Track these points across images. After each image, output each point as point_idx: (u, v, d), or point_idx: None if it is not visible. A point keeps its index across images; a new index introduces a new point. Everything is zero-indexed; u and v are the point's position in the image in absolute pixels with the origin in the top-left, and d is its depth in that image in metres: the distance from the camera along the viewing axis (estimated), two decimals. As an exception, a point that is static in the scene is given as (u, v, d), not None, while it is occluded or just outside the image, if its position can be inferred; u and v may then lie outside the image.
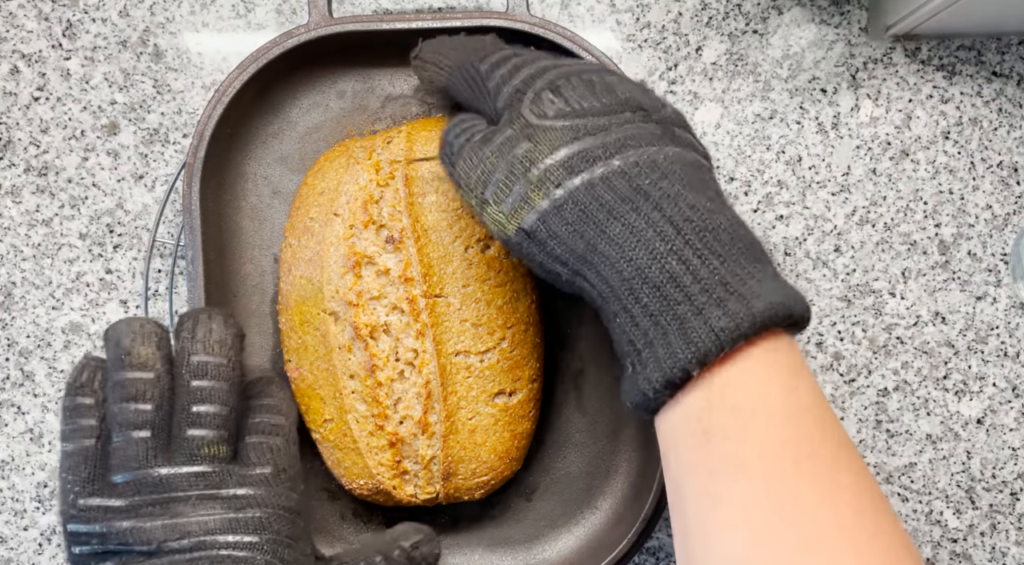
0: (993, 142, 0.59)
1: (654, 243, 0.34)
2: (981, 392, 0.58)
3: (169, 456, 0.40)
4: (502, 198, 0.38)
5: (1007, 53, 0.59)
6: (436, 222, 0.49)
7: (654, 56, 0.59)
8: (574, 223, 0.36)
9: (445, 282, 0.48)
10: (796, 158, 0.59)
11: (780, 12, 0.59)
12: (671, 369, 0.33)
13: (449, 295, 0.48)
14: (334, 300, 0.49)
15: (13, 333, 0.57)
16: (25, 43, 0.58)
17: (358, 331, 0.48)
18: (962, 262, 0.59)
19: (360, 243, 0.49)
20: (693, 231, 0.34)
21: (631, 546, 0.51)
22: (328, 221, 0.50)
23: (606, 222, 0.35)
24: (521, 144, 0.38)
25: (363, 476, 0.50)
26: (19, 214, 0.57)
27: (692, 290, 0.34)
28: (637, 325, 0.35)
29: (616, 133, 0.36)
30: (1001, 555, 0.58)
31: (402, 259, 0.48)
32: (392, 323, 0.48)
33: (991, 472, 0.58)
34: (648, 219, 0.35)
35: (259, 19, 0.59)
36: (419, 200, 0.49)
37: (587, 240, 0.36)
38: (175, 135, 0.58)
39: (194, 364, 0.41)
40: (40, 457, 0.57)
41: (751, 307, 0.33)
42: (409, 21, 0.53)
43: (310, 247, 0.50)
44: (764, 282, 0.34)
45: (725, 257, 0.34)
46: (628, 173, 0.36)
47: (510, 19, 0.54)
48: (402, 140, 0.51)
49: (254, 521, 0.39)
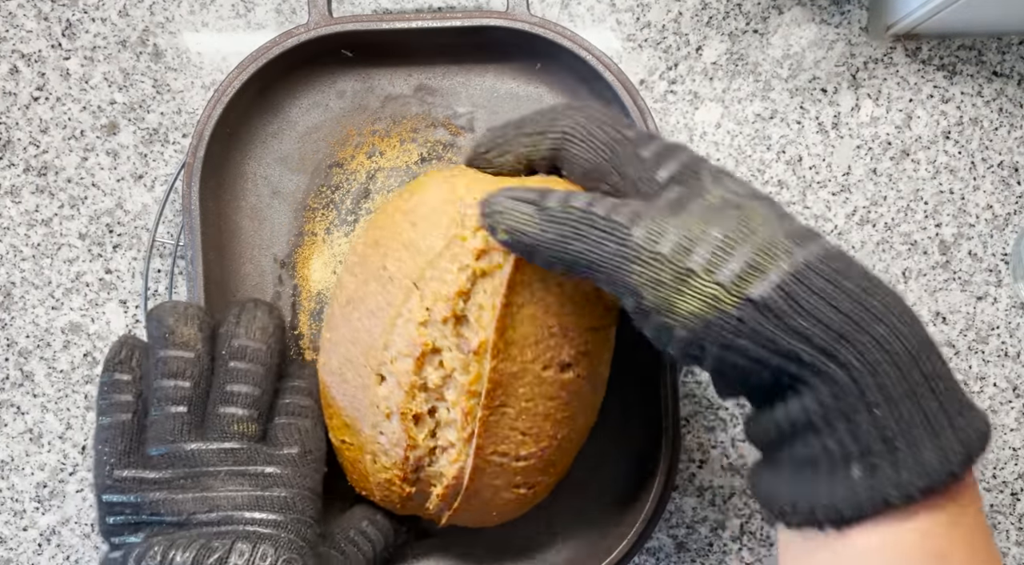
0: (994, 142, 0.59)
1: (915, 326, 0.31)
2: (982, 392, 0.58)
3: (202, 432, 0.42)
4: (719, 265, 0.32)
5: (1008, 53, 0.59)
6: (523, 337, 0.42)
7: (654, 56, 0.59)
8: (824, 292, 0.31)
9: (509, 396, 0.43)
10: (796, 158, 0.59)
11: (780, 12, 0.59)
12: (939, 473, 0.30)
13: (509, 407, 0.43)
14: (386, 369, 0.44)
15: (12, 333, 0.57)
16: (24, 43, 0.58)
17: (402, 414, 0.44)
18: (963, 262, 0.59)
19: (433, 334, 0.42)
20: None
21: (631, 546, 0.51)
22: (404, 289, 0.43)
23: (863, 295, 0.31)
24: (729, 212, 0.33)
25: (366, 491, 0.49)
26: (18, 214, 0.57)
27: (946, 385, 0.31)
28: (901, 416, 0.30)
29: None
30: (1002, 555, 0.58)
31: (472, 372, 0.42)
32: (441, 418, 0.44)
33: (991, 472, 0.58)
34: (895, 298, 0.31)
35: (259, 19, 0.59)
36: (514, 311, 0.41)
37: (844, 312, 0.31)
38: (175, 135, 0.58)
39: (235, 347, 0.43)
40: (40, 457, 0.57)
41: (978, 427, 0.31)
42: (409, 21, 0.53)
43: (376, 300, 0.44)
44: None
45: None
46: (844, 252, 0.32)
47: (510, 19, 0.54)
48: None
49: (280, 500, 0.41)
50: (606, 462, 0.55)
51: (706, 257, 0.32)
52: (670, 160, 0.36)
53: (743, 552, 0.57)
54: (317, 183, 0.56)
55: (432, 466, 0.46)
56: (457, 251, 0.42)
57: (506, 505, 0.48)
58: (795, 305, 0.31)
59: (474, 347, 0.42)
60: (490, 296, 0.41)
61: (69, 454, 0.57)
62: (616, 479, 0.55)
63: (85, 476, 0.57)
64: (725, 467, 0.58)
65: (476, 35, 0.54)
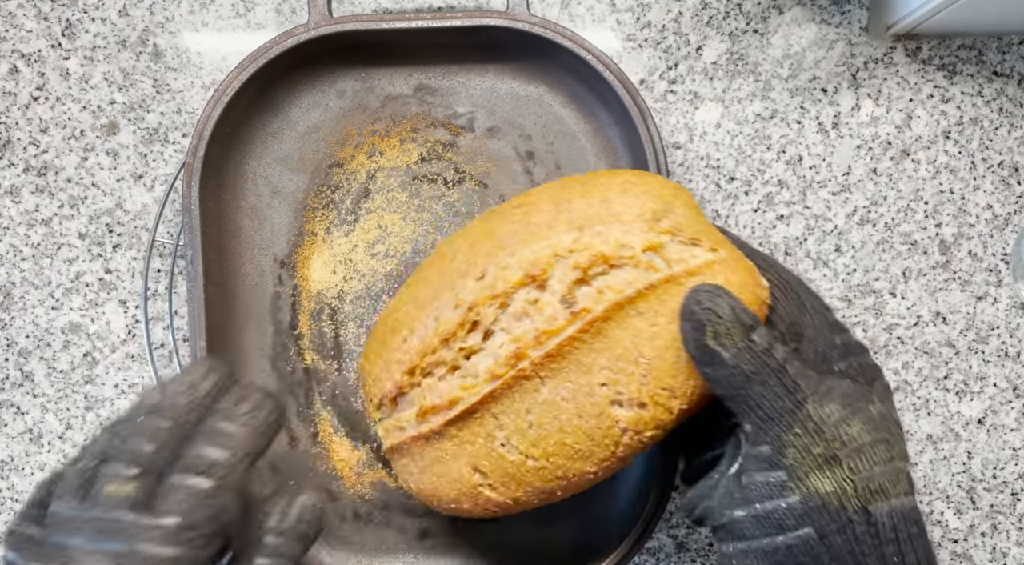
0: (994, 142, 0.59)
1: None
2: (982, 392, 0.58)
3: (86, 494, 0.36)
4: (860, 470, 0.37)
5: (1008, 52, 0.59)
6: (615, 341, 0.41)
7: (654, 56, 0.59)
8: (912, 535, 0.37)
9: (556, 375, 0.41)
10: (797, 158, 0.59)
11: (781, 11, 0.59)
12: None
13: (545, 386, 0.42)
14: (493, 268, 0.43)
15: (12, 333, 0.57)
16: (24, 43, 0.58)
17: (469, 308, 0.43)
18: (963, 262, 0.59)
19: (555, 271, 0.42)
20: None
21: (631, 546, 0.51)
22: (569, 224, 0.43)
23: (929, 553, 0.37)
24: (883, 430, 0.38)
25: (366, 370, 0.47)
26: (18, 214, 0.57)
27: None
28: None
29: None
30: (1002, 556, 0.58)
31: (553, 327, 0.41)
32: (489, 346, 0.43)
33: (992, 472, 0.58)
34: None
35: (259, 18, 0.59)
36: (630, 313, 0.41)
37: (919, 558, 0.37)
38: (175, 135, 0.58)
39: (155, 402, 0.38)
40: (39, 457, 0.57)
41: None
42: (409, 20, 0.53)
43: (543, 215, 0.43)
44: None
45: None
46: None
47: (510, 19, 0.53)
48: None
49: None
50: (606, 462, 0.55)
51: (855, 457, 0.36)
52: (853, 357, 0.40)
53: (743, 552, 0.57)
54: (317, 183, 0.56)
55: (440, 381, 0.43)
56: (640, 229, 0.42)
57: (451, 486, 0.45)
58: (890, 534, 0.36)
59: (576, 309, 0.41)
60: (625, 285, 0.41)
61: (69, 454, 0.57)
62: (616, 479, 0.55)
63: (85, 476, 0.57)
64: (725, 467, 0.58)
65: (476, 35, 0.54)
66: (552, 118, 0.57)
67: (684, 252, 0.42)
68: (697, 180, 0.58)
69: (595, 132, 0.57)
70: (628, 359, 0.40)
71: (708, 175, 0.58)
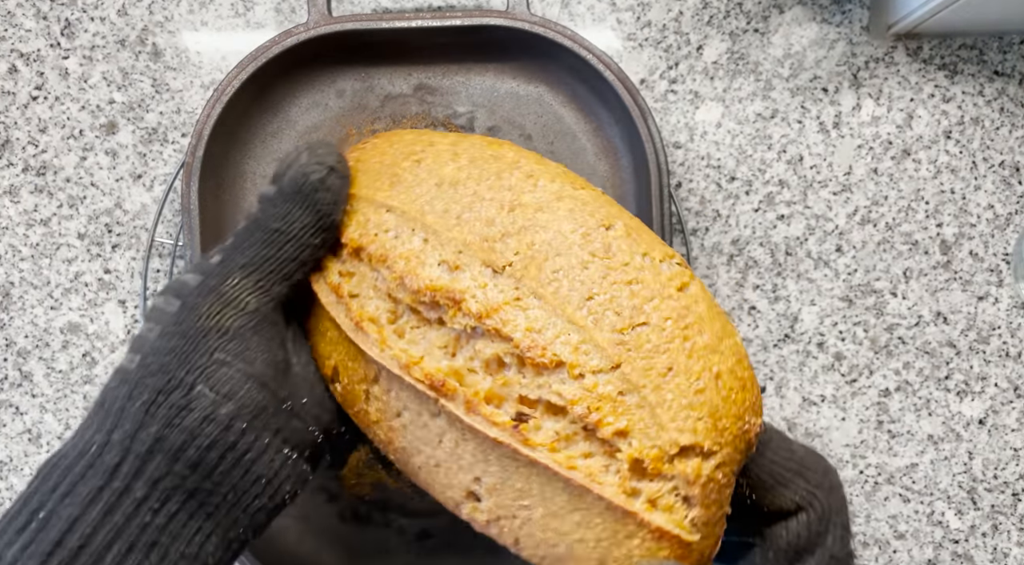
0: (995, 141, 0.59)
1: None
2: (983, 392, 0.58)
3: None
4: None
5: (1009, 52, 0.59)
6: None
7: (655, 55, 0.59)
8: None
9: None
10: (797, 157, 0.58)
11: (781, 11, 0.59)
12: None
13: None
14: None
15: (11, 333, 0.57)
16: (23, 42, 0.58)
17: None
18: (964, 262, 0.58)
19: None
20: None
21: (632, 547, 0.51)
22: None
23: None
24: None
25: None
26: (17, 214, 0.57)
27: None
28: None
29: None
30: (1003, 556, 0.58)
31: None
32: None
33: (993, 473, 0.58)
34: None
35: (258, 18, 0.58)
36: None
37: None
38: (174, 134, 0.58)
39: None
40: (39, 457, 0.57)
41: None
42: (409, 20, 0.53)
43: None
44: None
45: None
46: None
47: (510, 18, 0.53)
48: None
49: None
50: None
51: None
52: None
53: (744, 553, 0.57)
54: (317, 183, 0.56)
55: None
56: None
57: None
58: None
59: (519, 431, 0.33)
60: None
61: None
62: (616, 479, 0.55)
63: (84, 476, 0.57)
64: (726, 467, 0.58)
65: (476, 35, 0.54)
66: (552, 118, 0.57)
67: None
68: (698, 180, 0.58)
69: (595, 132, 0.57)
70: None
71: (709, 175, 0.58)
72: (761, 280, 0.58)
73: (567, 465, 0.32)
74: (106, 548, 0.31)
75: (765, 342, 0.58)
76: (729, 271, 0.58)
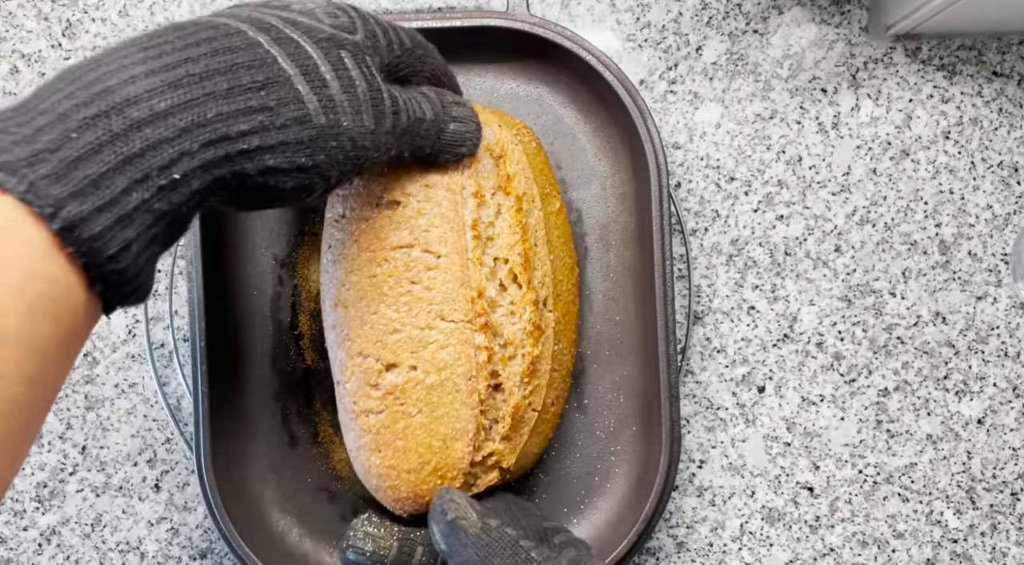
0: (993, 142, 0.59)
1: None
2: (981, 392, 0.58)
3: None
4: None
5: (1008, 53, 0.59)
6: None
7: (654, 56, 0.59)
8: None
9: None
10: (796, 158, 0.59)
11: (780, 12, 0.59)
12: None
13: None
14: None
15: (13, 333, 0.57)
16: (25, 43, 0.58)
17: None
18: (962, 262, 0.59)
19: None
20: None
21: (631, 546, 0.51)
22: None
23: None
24: None
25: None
26: (19, 214, 0.57)
27: None
28: None
29: None
30: (1002, 555, 0.58)
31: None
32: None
33: (991, 472, 0.58)
34: None
35: (259, 19, 0.59)
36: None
37: None
38: (175, 135, 0.58)
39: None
40: (40, 457, 0.57)
41: None
42: (409, 21, 0.53)
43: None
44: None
45: None
46: None
47: (510, 19, 0.53)
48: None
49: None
50: (606, 462, 0.55)
51: None
52: (564, 533, 0.47)
53: (743, 552, 0.57)
54: (317, 183, 0.56)
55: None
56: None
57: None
58: None
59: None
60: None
61: (69, 454, 0.57)
62: (616, 479, 0.55)
63: (85, 476, 0.57)
64: (725, 467, 0.58)
65: (476, 35, 0.54)
66: (552, 118, 0.57)
67: None
68: (697, 180, 0.58)
69: (595, 132, 0.57)
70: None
71: (708, 175, 0.58)
72: (760, 280, 0.58)
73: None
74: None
75: (764, 342, 0.58)
76: (728, 271, 0.58)
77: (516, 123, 0.52)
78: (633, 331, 0.55)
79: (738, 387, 0.58)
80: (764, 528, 0.57)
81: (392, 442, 0.47)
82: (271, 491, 0.54)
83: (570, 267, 0.53)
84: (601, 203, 0.56)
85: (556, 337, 0.50)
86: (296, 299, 0.56)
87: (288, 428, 0.55)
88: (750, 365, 0.58)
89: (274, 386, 0.55)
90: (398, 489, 0.48)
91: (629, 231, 0.56)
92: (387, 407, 0.47)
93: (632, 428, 0.55)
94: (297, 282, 0.56)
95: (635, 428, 0.55)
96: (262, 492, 0.54)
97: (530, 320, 0.48)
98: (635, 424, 0.55)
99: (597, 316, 0.56)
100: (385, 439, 0.47)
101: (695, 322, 0.58)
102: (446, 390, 0.47)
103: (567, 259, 0.52)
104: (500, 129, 0.49)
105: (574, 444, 0.56)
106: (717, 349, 0.58)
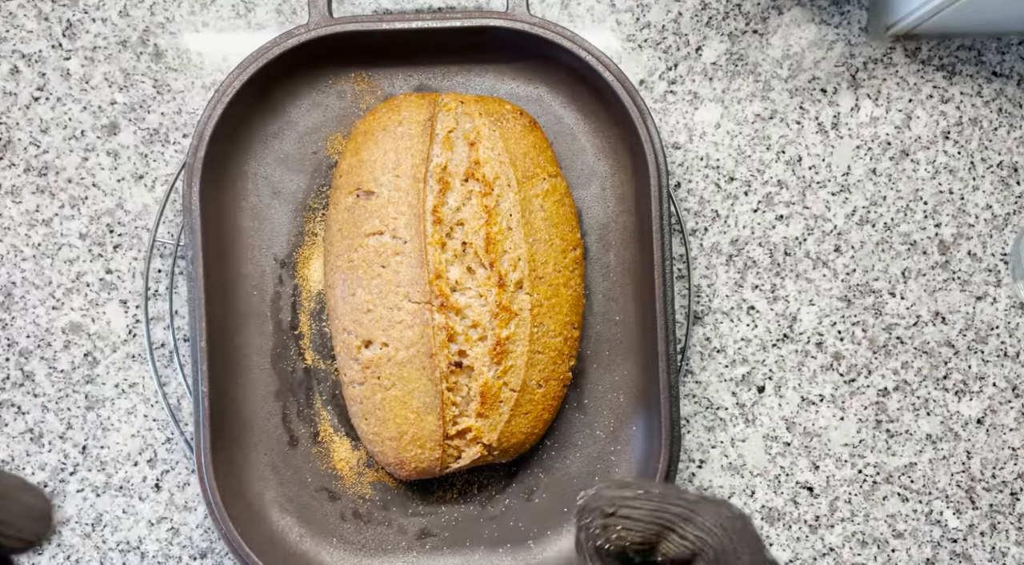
0: (993, 142, 0.59)
1: None
2: (981, 392, 0.58)
3: None
4: None
5: (1007, 53, 0.59)
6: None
7: (654, 56, 0.59)
8: None
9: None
10: (796, 158, 0.59)
11: (780, 12, 0.59)
12: None
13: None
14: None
15: (13, 333, 0.57)
16: (25, 43, 0.58)
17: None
18: (962, 262, 0.59)
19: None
20: None
21: (631, 546, 0.51)
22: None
23: None
24: None
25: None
26: (19, 214, 0.57)
27: None
28: None
29: None
30: (1001, 555, 0.58)
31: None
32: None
33: (991, 472, 0.58)
34: None
35: (259, 19, 0.59)
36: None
37: None
38: (175, 135, 0.58)
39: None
40: (40, 457, 0.57)
41: None
42: (409, 21, 0.53)
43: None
44: None
45: None
46: None
47: (510, 19, 0.54)
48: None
49: None
50: (606, 461, 0.55)
51: None
52: None
53: (743, 552, 0.57)
54: (317, 183, 0.56)
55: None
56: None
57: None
58: None
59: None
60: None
61: (69, 454, 0.57)
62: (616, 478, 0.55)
63: (86, 476, 0.57)
64: (725, 467, 0.58)
65: (476, 35, 0.54)
66: (552, 118, 0.57)
67: None
68: (697, 180, 0.58)
69: (595, 132, 0.57)
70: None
71: (708, 175, 0.58)
72: (760, 280, 0.58)
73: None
74: None
75: (764, 342, 0.58)
76: (728, 271, 0.58)
77: (502, 108, 0.54)
78: (633, 331, 0.55)
79: (738, 387, 0.58)
80: (764, 528, 0.57)
81: (374, 411, 0.52)
82: (271, 491, 0.55)
83: (561, 249, 0.53)
84: (601, 203, 0.56)
85: (538, 319, 0.52)
86: (296, 299, 0.56)
87: (288, 428, 0.55)
88: (750, 365, 0.58)
89: (274, 386, 0.55)
90: (385, 455, 0.52)
91: (629, 231, 0.56)
92: (367, 379, 0.51)
93: (632, 428, 0.55)
94: (297, 282, 0.56)
95: (635, 428, 0.55)
96: (262, 492, 0.54)
97: (496, 302, 0.51)
98: (635, 424, 0.55)
99: (597, 316, 0.56)
100: (367, 408, 0.52)
101: (695, 322, 0.58)
102: (414, 366, 0.51)
103: (556, 241, 0.53)
104: (479, 117, 0.53)
105: (574, 444, 0.56)
106: (717, 349, 0.58)
